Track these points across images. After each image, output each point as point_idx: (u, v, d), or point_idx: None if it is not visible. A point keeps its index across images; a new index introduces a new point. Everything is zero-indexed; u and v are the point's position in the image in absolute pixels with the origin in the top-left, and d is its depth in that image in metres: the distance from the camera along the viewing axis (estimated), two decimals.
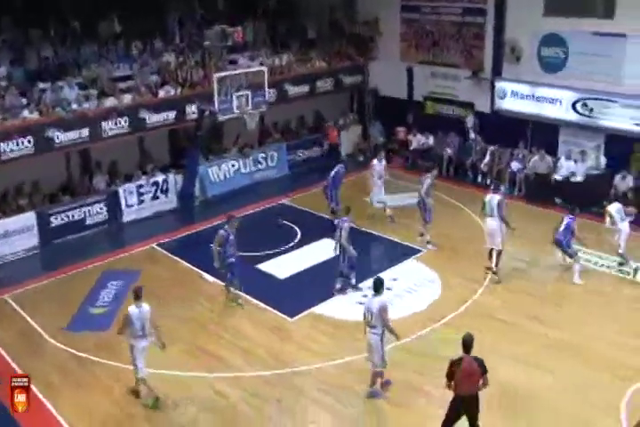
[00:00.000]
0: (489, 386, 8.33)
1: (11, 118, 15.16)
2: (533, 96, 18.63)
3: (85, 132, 15.98)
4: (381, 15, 21.86)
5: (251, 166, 19.51)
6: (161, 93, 17.67)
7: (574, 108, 17.78)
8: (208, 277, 13.83)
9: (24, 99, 15.78)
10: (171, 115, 17.50)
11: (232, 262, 12.75)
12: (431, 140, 20.61)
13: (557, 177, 17.64)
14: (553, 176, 17.66)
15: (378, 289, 9.82)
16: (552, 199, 17.33)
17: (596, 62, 17.05)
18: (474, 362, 8.15)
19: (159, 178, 17.63)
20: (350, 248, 12.92)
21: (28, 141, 15.09)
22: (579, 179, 17.44)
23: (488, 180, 18.79)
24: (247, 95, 17.23)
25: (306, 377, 10.74)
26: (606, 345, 11.29)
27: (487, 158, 19.00)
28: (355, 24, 22.41)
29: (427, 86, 21.30)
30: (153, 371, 10.34)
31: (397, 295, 12.78)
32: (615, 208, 13.85)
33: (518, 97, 18.93)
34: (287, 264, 14.48)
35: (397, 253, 15.00)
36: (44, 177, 16.39)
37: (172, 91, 17.82)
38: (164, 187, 17.69)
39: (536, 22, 18.14)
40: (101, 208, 16.60)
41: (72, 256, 15.04)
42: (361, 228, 15.05)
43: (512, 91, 19.05)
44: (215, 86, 16.57)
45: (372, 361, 10.02)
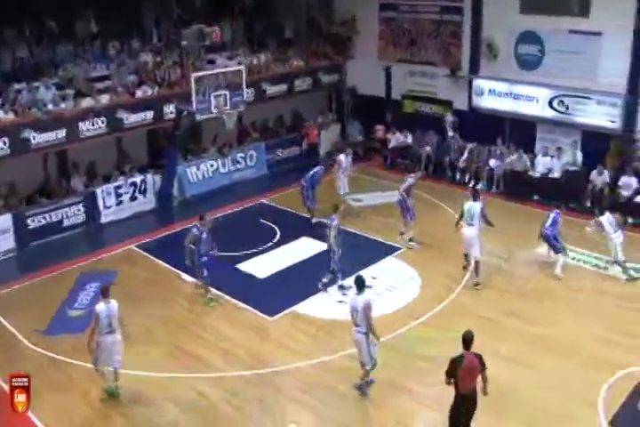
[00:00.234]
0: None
1: None
2: (511, 94, 18.72)
3: (62, 132, 15.82)
4: (359, 14, 21.85)
5: (229, 166, 19.43)
6: (138, 93, 17.54)
7: (551, 105, 17.91)
8: (187, 277, 13.74)
9: None
10: (148, 115, 17.38)
11: (206, 261, 12.73)
12: (410, 138, 20.65)
13: (535, 174, 17.80)
14: (530, 173, 17.83)
15: (360, 288, 9.81)
16: (530, 196, 17.44)
17: (572, 60, 17.22)
18: (475, 358, 8.21)
19: (137, 178, 17.50)
20: (336, 247, 12.87)
21: (4, 143, 14.89)
22: (556, 175, 17.61)
23: (467, 177, 18.98)
24: (225, 95, 17.20)
25: (286, 376, 10.72)
26: (586, 340, 11.37)
27: (465, 156, 19.09)
28: (332, 23, 22.37)
29: (405, 85, 21.34)
30: (133, 373, 10.30)
31: (377, 293, 12.74)
32: (607, 219, 13.45)
33: (496, 95, 19.01)
34: (267, 264, 14.43)
35: (377, 251, 14.96)
36: (21, 179, 16.16)
37: (150, 91, 17.68)
38: (143, 187, 17.55)
39: (513, 20, 18.26)
40: (79, 210, 16.42)
41: (50, 258, 14.87)
42: (340, 226, 14.98)
43: (489, 88, 19.13)
44: (193, 86, 16.53)
45: (362, 360, 9.95)
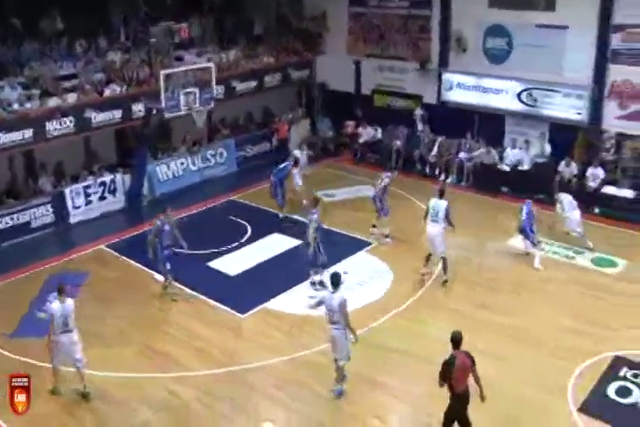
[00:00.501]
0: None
1: None
2: (479, 87, 18.86)
3: (29, 132, 15.58)
4: (329, 10, 21.84)
5: (200, 164, 19.33)
6: (106, 92, 17.35)
7: (519, 98, 18.07)
8: (159, 277, 13.59)
9: None
10: (117, 114, 17.18)
11: (168, 255, 12.71)
12: (380, 132, 20.68)
13: (505, 167, 17.93)
14: (499, 166, 17.99)
15: (335, 284, 9.73)
16: (499, 188, 17.60)
17: (539, 53, 17.38)
18: (466, 357, 8.22)
19: (107, 178, 17.33)
20: (313, 243, 12.86)
21: None
22: (525, 167, 17.76)
23: (437, 170, 19.03)
24: (194, 92, 17.10)
25: (259, 374, 10.70)
26: (557, 330, 11.52)
27: (435, 149, 19.16)
28: (302, 19, 22.33)
29: (375, 79, 21.37)
30: (105, 374, 10.23)
31: (348, 288, 12.66)
32: (567, 198, 14.35)
33: (464, 88, 19.13)
34: (238, 261, 14.39)
35: (349, 246, 14.98)
36: None
37: (118, 89, 17.50)
38: (112, 187, 17.39)
39: (481, 14, 18.38)
40: (48, 210, 16.21)
41: (19, 260, 14.65)
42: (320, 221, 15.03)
43: (458, 82, 19.25)
44: (162, 84, 16.40)
45: (338, 357, 9.90)
